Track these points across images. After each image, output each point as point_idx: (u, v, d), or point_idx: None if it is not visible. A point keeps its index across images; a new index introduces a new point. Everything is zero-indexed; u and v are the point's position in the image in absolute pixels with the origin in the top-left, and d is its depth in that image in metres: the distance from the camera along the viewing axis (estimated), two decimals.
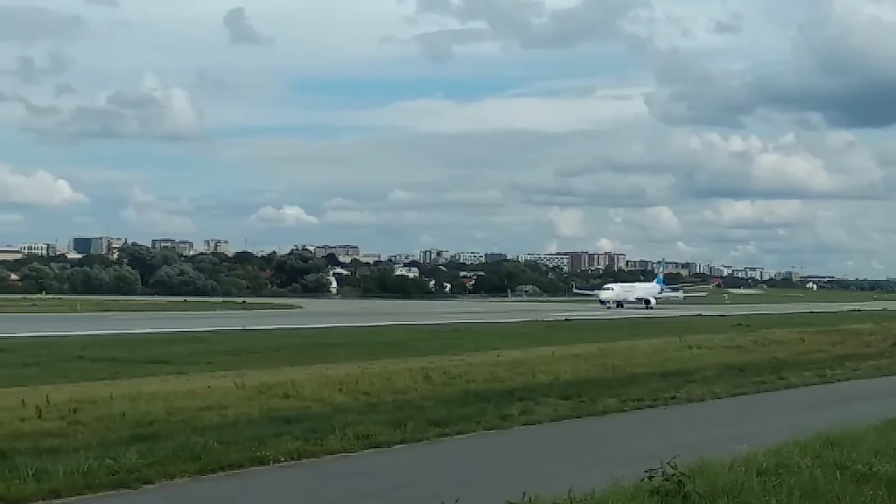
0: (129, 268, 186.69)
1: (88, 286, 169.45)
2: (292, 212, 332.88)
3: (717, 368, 35.95)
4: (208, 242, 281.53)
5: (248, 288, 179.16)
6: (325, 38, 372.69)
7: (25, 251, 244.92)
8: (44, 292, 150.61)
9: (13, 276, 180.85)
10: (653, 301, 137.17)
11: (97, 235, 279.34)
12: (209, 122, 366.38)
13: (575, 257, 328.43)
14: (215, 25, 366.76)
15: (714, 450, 15.31)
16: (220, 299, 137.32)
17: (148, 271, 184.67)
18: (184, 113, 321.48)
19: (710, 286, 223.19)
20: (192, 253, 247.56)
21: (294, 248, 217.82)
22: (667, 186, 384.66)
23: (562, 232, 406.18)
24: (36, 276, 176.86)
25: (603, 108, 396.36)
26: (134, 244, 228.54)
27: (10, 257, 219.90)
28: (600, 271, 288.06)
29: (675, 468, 12.51)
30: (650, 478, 12.46)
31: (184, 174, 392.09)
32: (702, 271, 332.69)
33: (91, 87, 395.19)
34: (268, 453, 17.70)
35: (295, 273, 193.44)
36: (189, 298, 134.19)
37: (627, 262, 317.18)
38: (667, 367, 35.93)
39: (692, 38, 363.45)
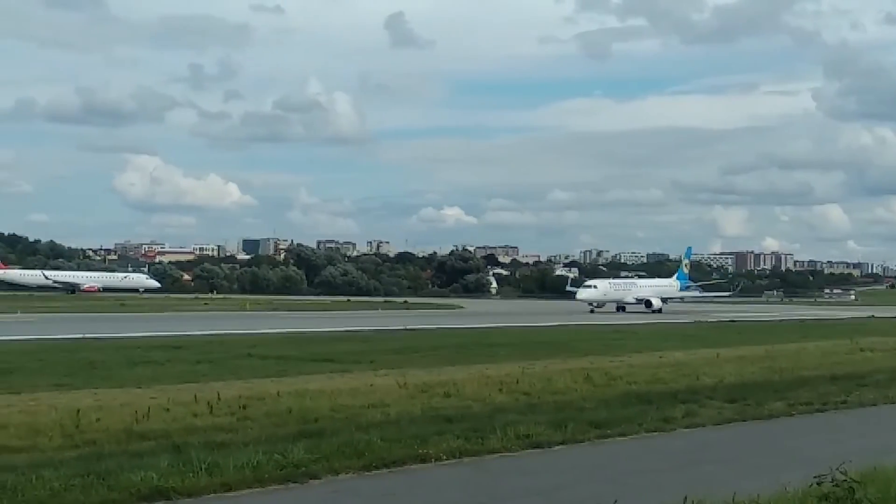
0: (294, 268, 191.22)
1: (256, 286, 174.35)
2: (452, 212, 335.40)
3: (891, 372, 34.50)
4: (371, 243, 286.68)
5: (409, 288, 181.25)
6: (484, 40, 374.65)
7: (197, 252, 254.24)
8: (214, 292, 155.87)
9: (186, 277, 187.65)
10: (656, 303, 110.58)
11: (265, 237, 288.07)
12: (371, 125, 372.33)
13: (740, 257, 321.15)
14: (376, 30, 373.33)
15: (887, 456, 14.75)
16: (381, 299, 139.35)
17: (313, 271, 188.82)
18: (346, 116, 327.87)
19: (883, 286, 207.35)
20: (355, 254, 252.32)
21: (454, 248, 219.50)
22: (836, 184, 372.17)
23: (726, 231, 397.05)
24: (207, 276, 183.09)
25: (768, 104, 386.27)
26: (299, 245, 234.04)
27: (183, 258, 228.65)
28: (767, 271, 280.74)
29: (845, 474, 12.06)
30: (819, 483, 12.04)
31: (347, 176, 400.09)
32: (874, 271, 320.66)
33: (258, 93, 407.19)
34: (429, 451, 17.85)
35: (455, 273, 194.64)
36: (352, 298, 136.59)
37: (795, 262, 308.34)
38: (837, 371, 34.66)
39: (861, 31, 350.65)
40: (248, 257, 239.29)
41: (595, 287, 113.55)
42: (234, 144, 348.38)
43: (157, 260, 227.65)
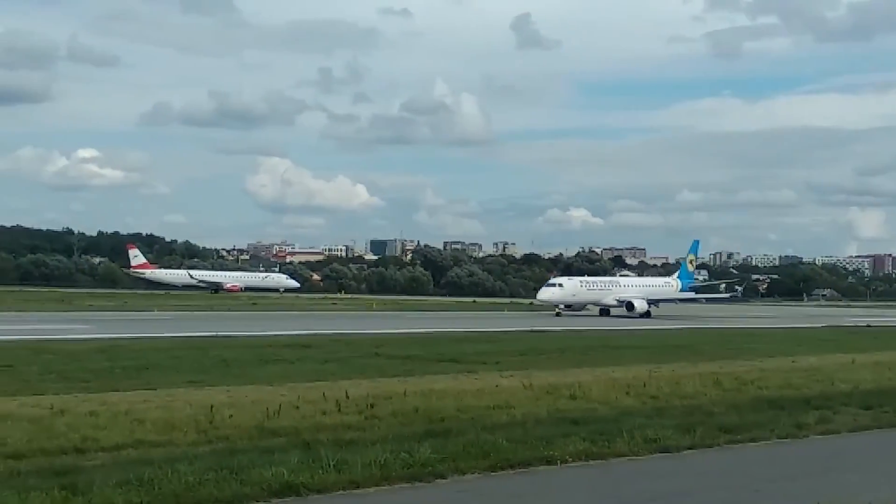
0: (421, 269, 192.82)
1: (383, 286, 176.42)
2: (579, 213, 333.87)
3: None
4: (497, 244, 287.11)
5: (535, 289, 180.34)
6: (611, 40, 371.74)
7: (326, 253, 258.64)
8: (343, 292, 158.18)
9: (315, 277, 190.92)
10: (639, 305, 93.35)
11: (392, 238, 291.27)
12: (497, 127, 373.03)
13: (877, 260, 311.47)
14: (503, 31, 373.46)
15: None
16: (507, 300, 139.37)
17: (439, 272, 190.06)
18: (472, 118, 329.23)
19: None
20: (480, 255, 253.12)
21: (580, 249, 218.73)
22: None
23: (862, 233, 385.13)
24: (336, 276, 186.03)
25: None
26: (426, 246, 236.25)
27: (312, 258, 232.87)
28: None
29: None
30: None
31: (473, 177, 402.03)
32: None
33: (385, 96, 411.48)
34: (555, 453, 17.80)
35: (581, 275, 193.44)
36: (478, 299, 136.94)
37: None
38: None
39: None
40: (375, 258, 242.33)
41: (560, 286, 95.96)
42: (361, 146, 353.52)
43: (287, 260, 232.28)
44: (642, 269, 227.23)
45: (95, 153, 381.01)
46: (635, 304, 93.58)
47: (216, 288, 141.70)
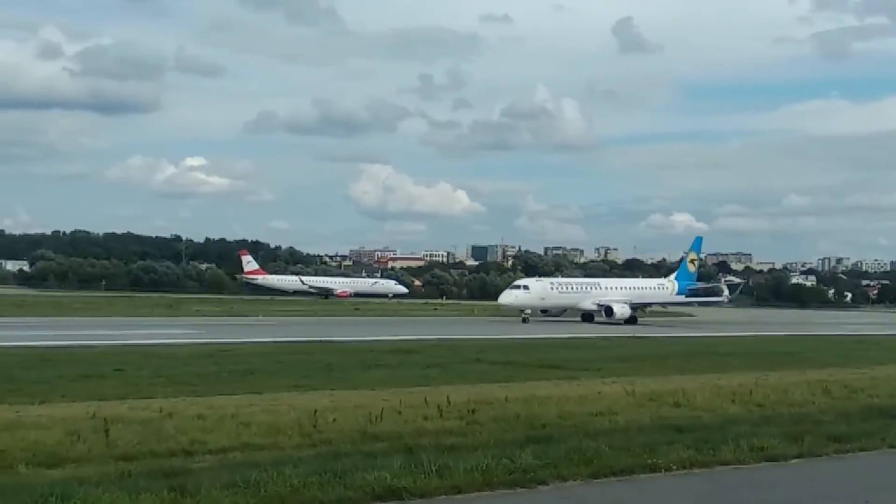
0: (522, 274, 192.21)
1: (484, 292, 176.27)
2: (682, 218, 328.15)
3: None
4: (598, 249, 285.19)
5: None
6: (715, 43, 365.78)
7: (428, 258, 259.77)
8: (444, 297, 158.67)
9: (417, 282, 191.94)
10: (619, 310, 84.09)
11: (493, 243, 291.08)
12: (598, 131, 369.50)
13: None
14: (604, 36, 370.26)
15: None
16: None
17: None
18: (574, 123, 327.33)
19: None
20: (582, 260, 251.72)
21: (684, 255, 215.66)
22: None
23: None
24: (437, 282, 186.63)
25: None
26: (527, 251, 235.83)
27: (413, 264, 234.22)
28: None
29: None
30: None
31: (574, 183, 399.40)
32: None
33: (486, 102, 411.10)
34: (659, 460, 17.65)
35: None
36: None
37: None
38: None
39: None
40: (476, 263, 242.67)
41: (526, 288, 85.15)
42: (462, 152, 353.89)
43: (388, 266, 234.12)
44: (748, 275, 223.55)
45: (203, 161, 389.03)
46: (615, 309, 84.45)
47: (327, 294, 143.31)
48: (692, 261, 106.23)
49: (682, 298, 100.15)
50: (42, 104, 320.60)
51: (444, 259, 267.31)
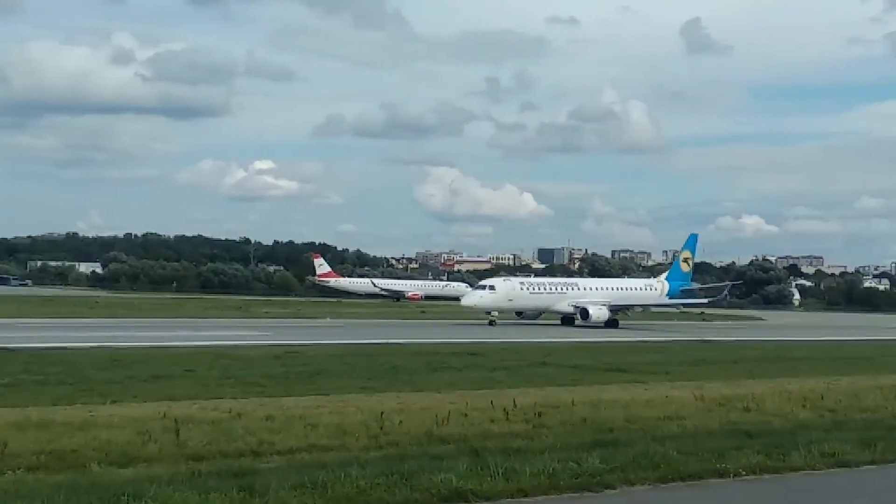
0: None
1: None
2: (751, 221, 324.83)
3: None
4: (666, 252, 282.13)
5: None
6: (785, 44, 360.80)
7: (494, 261, 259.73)
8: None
9: None
10: (596, 313, 78.92)
11: (559, 246, 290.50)
12: (666, 133, 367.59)
13: None
14: (672, 37, 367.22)
15: None
16: (678, 309, 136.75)
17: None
18: (641, 125, 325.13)
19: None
20: (650, 263, 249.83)
21: (754, 258, 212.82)
22: None
23: None
24: None
25: None
26: (594, 254, 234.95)
27: (479, 267, 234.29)
28: None
29: None
30: None
31: (642, 185, 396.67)
32: None
33: (553, 104, 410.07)
34: (728, 466, 17.46)
35: (755, 284, 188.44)
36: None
37: None
38: None
39: None
40: (542, 266, 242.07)
41: (491, 289, 79.23)
42: (529, 155, 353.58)
43: (455, 269, 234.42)
44: (819, 279, 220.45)
45: (271, 165, 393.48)
46: (591, 311, 79.11)
47: (398, 296, 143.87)
48: (685, 260, 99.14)
49: (675, 300, 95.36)
50: (115, 109, 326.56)
51: (511, 262, 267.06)
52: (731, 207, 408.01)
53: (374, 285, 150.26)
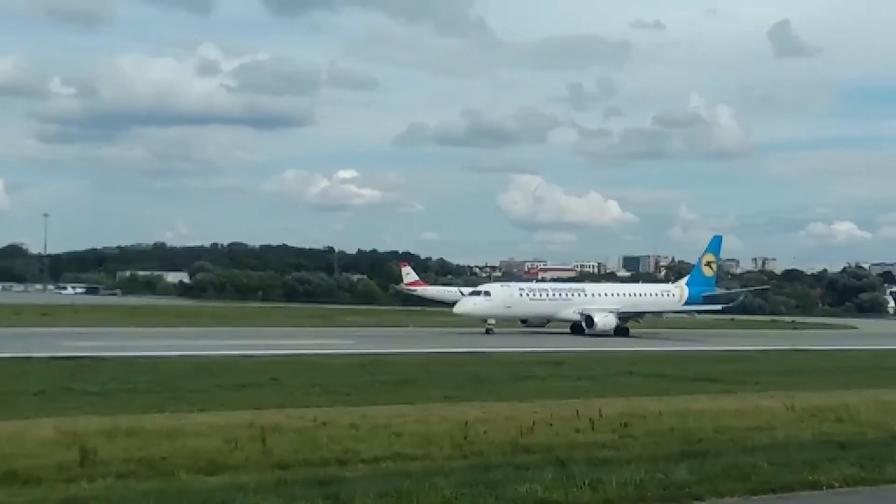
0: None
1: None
2: (844, 227, 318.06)
3: None
4: (755, 260, 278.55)
5: (797, 307, 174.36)
6: (879, 44, 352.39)
7: (578, 269, 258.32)
8: None
9: None
10: (602, 321, 74.60)
11: (645, 253, 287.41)
12: (755, 138, 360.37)
13: None
14: (759, 40, 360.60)
15: None
16: (768, 318, 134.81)
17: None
18: (728, 130, 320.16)
19: None
20: (738, 270, 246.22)
21: (846, 265, 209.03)
22: None
23: None
24: None
25: None
26: (680, 262, 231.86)
27: (563, 275, 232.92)
28: None
29: None
30: None
31: (729, 191, 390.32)
32: None
33: (638, 109, 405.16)
34: (820, 478, 17.08)
35: (847, 292, 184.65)
36: (736, 317, 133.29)
37: None
38: None
39: None
40: (628, 274, 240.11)
41: (487, 295, 75.24)
42: (613, 161, 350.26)
43: (539, 276, 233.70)
44: None
45: (354, 174, 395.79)
46: (596, 319, 74.83)
47: None
48: (708, 263, 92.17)
49: (686, 307, 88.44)
50: (201, 120, 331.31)
51: (595, 269, 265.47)
52: (822, 213, 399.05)
53: (462, 294, 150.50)
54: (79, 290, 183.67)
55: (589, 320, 75.41)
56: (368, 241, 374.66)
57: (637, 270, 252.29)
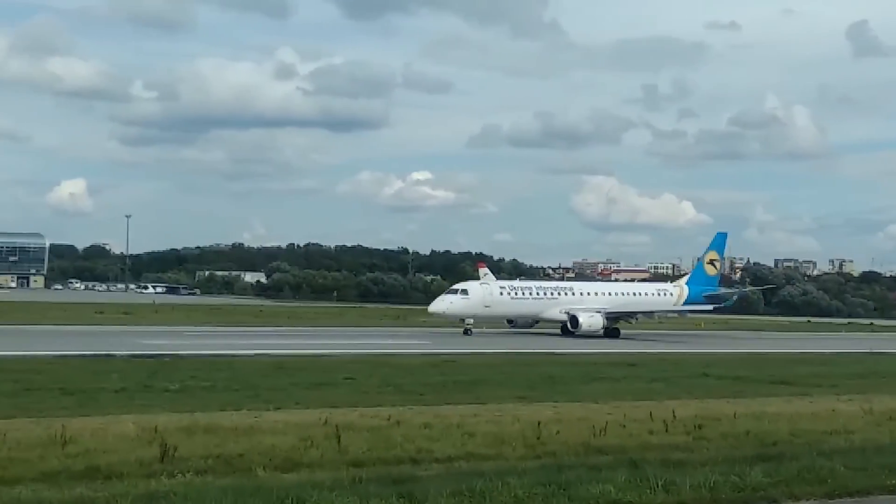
0: (751, 287, 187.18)
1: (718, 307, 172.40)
2: None
3: None
4: (832, 262, 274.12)
5: (875, 309, 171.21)
6: None
7: (652, 271, 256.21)
8: None
9: None
10: (587, 322, 71.60)
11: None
12: (833, 139, 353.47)
13: None
14: (837, 40, 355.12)
15: None
16: (845, 321, 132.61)
17: (771, 291, 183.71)
18: (805, 130, 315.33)
19: None
20: (815, 273, 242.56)
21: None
22: None
23: None
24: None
25: None
26: (756, 264, 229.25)
27: (637, 276, 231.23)
28: None
29: None
30: None
31: (806, 192, 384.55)
32: None
33: (712, 110, 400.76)
34: None
35: None
36: (812, 319, 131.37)
37: None
38: None
39: None
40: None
41: (464, 293, 71.63)
42: (688, 163, 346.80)
43: (612, 278, 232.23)
44: None
45: (428, 175, 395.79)
46: (581, 319, 71.58)
47: None
48: (711, 261, 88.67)
49: (684, 307, 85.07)
50: (278, 122, 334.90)
51: (669, 271, 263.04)
52: None
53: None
54: (159, 290, 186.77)
55: (573, 320, 72.35)
56: (442, 242, 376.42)
57: None
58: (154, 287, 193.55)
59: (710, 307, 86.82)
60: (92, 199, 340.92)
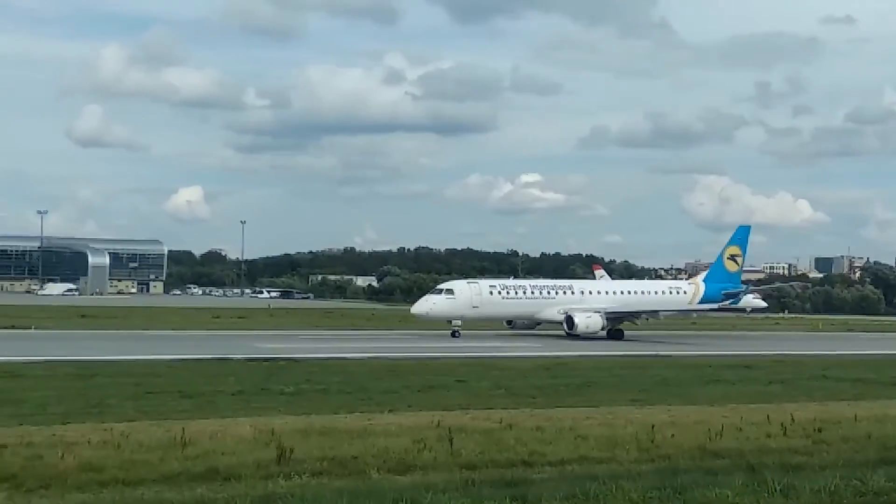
0: (871, 287, 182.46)
1: (830, 305, 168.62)
2: None
3: None
4: None
5: None
6: None
7: (768, 271, 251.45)
8: (786, 311, 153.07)
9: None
10: (582, 322, 66.81)
11: (838, 254, 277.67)
12: None
13: None
14: None
15: None
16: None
17: (892, 291, 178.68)
18: None
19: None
20: None
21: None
22: None
23: None
24: (778, 295, 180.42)
25: None
26: (876, 263, 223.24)
27: (753, 276, 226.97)
28: None
29: None
30: None
31: None
32: None
33: (828, 107, 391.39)
34: None
35: None
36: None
37: None
38: None
39: None
40: (820, 276, 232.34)
41: (450, 293, 67.23)
42: (803, 160, 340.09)
43: None
44: None
45: (538, 178, 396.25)
46: (576, 320, 66.96)
47: None
48: (732, 257, 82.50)
49: (700, 306, 79.50)
50: (387, 127, 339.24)
51: (786, 271, 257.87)
52: None
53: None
54: (273, 294, 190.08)
55: (569, 321, 67.97)
56: (551, 244, 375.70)
57: (830, 272, 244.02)
58: (269, 291, 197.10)
59: (715, 306, 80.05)
60: (208, 205, 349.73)
